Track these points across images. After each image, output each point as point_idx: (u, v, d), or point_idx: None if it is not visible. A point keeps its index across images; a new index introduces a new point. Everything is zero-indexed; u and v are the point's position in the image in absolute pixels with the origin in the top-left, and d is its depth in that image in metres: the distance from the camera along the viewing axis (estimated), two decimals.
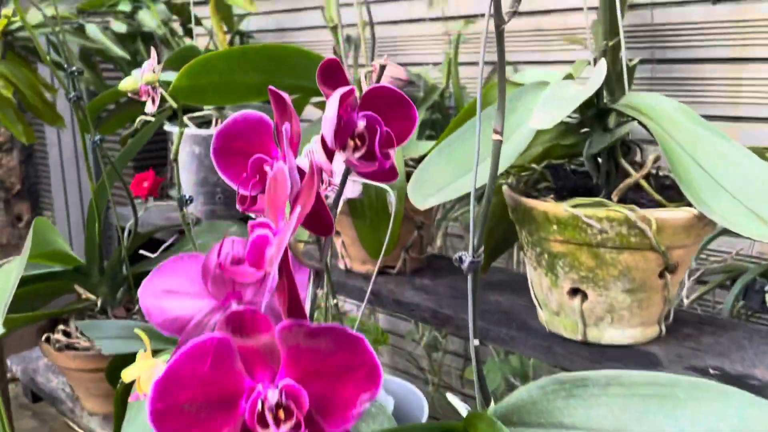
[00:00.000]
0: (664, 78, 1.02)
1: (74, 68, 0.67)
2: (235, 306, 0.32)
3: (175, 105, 0.61)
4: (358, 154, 0.30)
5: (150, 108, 0.59)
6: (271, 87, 0.31)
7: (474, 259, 0.42)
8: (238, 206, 0.34)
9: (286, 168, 0.29)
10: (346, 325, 0.28)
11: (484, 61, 0.41)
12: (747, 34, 0.94)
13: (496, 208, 0.65)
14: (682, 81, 1.01)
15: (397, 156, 0.72)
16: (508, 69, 1.19)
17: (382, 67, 0.31)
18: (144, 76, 0.57)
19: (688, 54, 1.01)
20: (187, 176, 0.95)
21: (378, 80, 0.32)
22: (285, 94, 0.30)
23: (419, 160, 0.72)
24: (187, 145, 0.94)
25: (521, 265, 1.08)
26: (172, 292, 0.33)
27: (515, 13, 0.40)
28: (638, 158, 0.60)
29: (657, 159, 0.56)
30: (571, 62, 1.12)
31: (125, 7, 1.49)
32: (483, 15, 1.21)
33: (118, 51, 1.47)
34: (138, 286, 0.80)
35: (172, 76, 0.88)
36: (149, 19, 1.44)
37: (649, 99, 0.56)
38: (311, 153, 0.35)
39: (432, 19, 1.27)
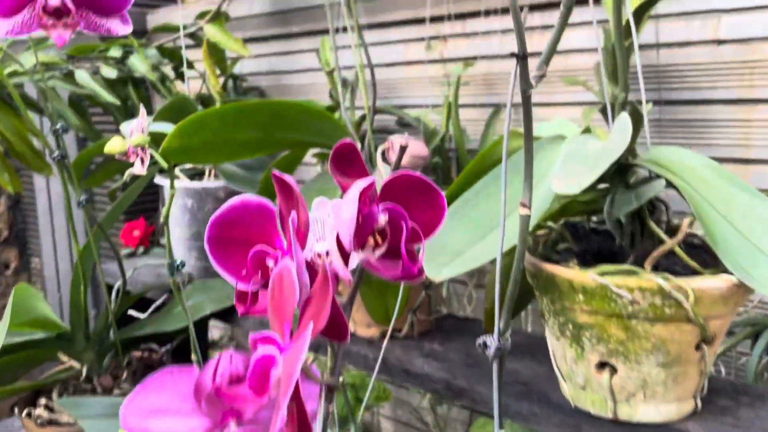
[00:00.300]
0: (672, 120, 0.99)
1: (58, 126, 0.63)
2: (233, 428, 0.27)
3: (165, 165, 0.57)
4: (379, 252, 0.25)
5: (139, 169, 0.55)
6: (275, 172, 0.27)
7: (500, 345, 0.38)
8: (236, 306, 0.30)
9: (293, 267, 0.25)
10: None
11: (510, 124, 0.37)
12: (755, 75, 0.91)
13: (510, 269, 0.61)
14: (691, 123, 0.98)
15: None
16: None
17: (402, 149, 0.27)
18: (132, 138, 0.53)
19: (696, 95, 0.98)
20: (179, 231, 0.90)
21: (398, 164, 0.28)
22: (290, 179, 0.26)
23: None
24: (179, 198, 0.89)
25: (531, 315, 1.03)
26: (160, 411, 0.28)
27: (543, 77, 0.36)
28: (664, 216, 0.56)
29: (692, 223, 0.52)
30: (575, 104, 1.10)
31: (116, 52, 1.46)
32: (482, 57, 1.19)
33: (108, 97, 1.44)
34: (126, 350, 0.73)
35: (163, 128, 0.84)
36: (139, 64, 1.41)
37: (675, 155, 0.52)
38: (321, 234, 0.30)
39: (430, 62, 1.24)
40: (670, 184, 0.52)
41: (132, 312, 0.85)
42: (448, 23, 1.20)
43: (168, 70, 1.50)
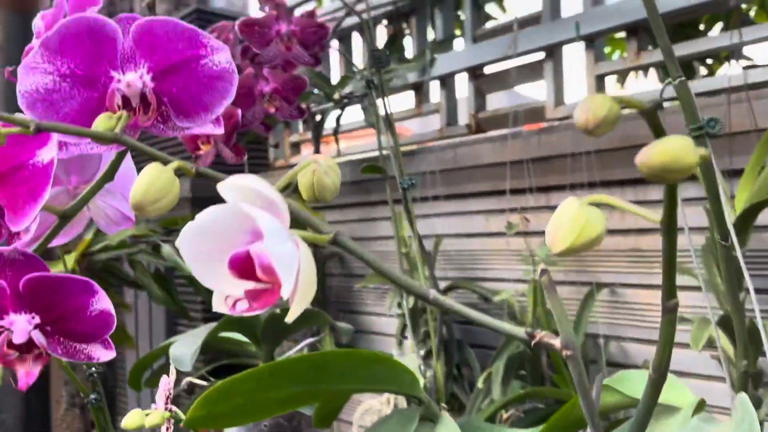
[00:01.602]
0: None
1: (92, 370, 0.59)
2: None
3: None
4: None
5: None
6: None
7: None
8: None
9: None
10: None
11: None
12: None
13: None
14: None
15: None
16: (603, 291, 1.05)
17: None
18: (149, 417, 0.46)
19: None
20: None
21: None
22: None
23: None
24: None
25: None
26: None
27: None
28: None
29: None
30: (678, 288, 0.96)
31: None
32: None
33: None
34: None
35: (230, 334, 0.79)
36: None
37: None
38: None
39: (513, 234, 1.16)
40: None
41: None
42: (531, 196, 1.12)
43: None
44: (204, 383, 0.83)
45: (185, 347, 0.71)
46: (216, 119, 0.32)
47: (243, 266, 0.22)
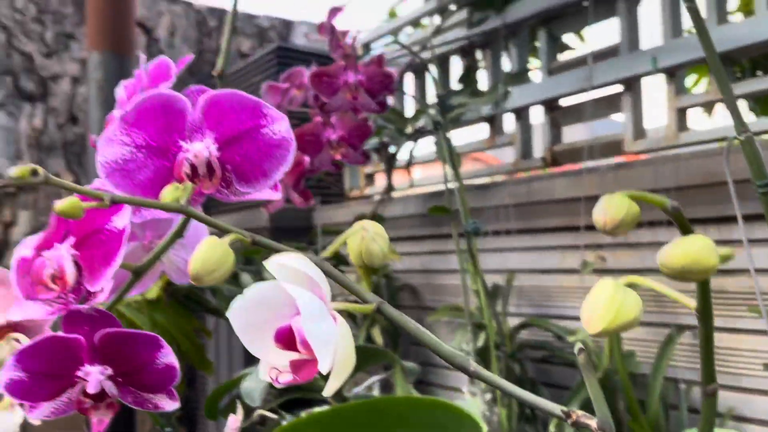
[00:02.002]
0: None
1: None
2: None
3: None
4: None
5: None
6: None
7: None
8: None
9: None
10: None
11: None
12: None
13: None
14: None
15: None
16: (688, 333, 1.00)
17: None
18: None
19: None
20: None
21: None
22: None
23: None
24: None
25: None
26: None
27: None
28: None
29: None
30: (762, 333, 0.90)
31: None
32: (649, 270, 1.05)
33: None
34: None
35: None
36: None
37: None
38: None
39: (589, 272, 1.12)
40: None
41: None
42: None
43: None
44: (274, 416, 0.85)
45: (256, 382, 0.74)
46: (274, 184, 0.34)
47: (287, 339, 0.23)
